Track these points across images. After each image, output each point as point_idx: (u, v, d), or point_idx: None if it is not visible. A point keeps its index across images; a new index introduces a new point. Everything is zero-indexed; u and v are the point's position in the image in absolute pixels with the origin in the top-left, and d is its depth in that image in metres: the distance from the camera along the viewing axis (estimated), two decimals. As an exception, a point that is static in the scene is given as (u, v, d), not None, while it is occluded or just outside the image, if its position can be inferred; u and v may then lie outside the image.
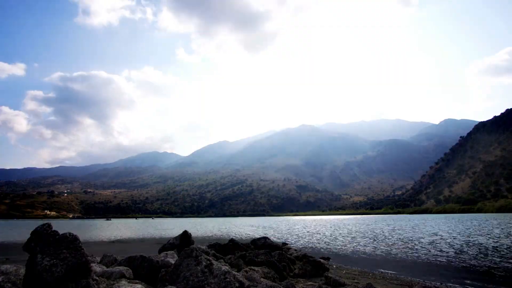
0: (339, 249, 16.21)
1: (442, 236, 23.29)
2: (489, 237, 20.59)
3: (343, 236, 25.48)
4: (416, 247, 16.33)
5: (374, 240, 21.18)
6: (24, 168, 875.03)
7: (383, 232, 29.58)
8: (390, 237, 22.98)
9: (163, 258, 6.61)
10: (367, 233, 28.64)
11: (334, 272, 9.00)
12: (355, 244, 18.67)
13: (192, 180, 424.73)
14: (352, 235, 25.80)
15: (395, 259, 12.31)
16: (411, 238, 21.70)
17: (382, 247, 16.50)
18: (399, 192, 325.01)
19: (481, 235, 22.92)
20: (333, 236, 25.18)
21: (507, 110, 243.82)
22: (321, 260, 10.22)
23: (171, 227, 53.64)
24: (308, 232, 32.27)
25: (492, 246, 15.68)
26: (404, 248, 15.98)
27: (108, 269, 5.51)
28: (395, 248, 15.87)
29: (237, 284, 4.76)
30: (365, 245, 17.70)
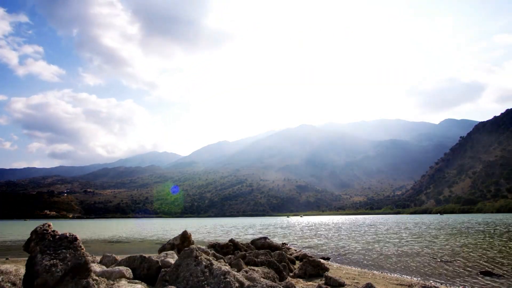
0: (339, 249, 16.20)
1: (441, 236, 23.30)
2: (492, 238, 20.60)
3: (343, 236, 25.48)
4: (415, 247, 16.33)
5: (374, 240, 21.18)
6: (24, 168, 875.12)
7: (383, 232, 29.60)
8: (389, 237, 22.99)
9: (163, 258, 6.61)
10: (366, 233, 28.64)
11: (334, 272, 9.00)
12: (355, 244, 18.67)
13: (192, 180, 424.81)
14: (352, 235, 25.81)
15: (395, 259, 12.31)
16: (410, 238, 21.71)
17: (382, 247, 16.50)
18: (399, 192, 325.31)
19: (482, 236, 22.93)
20: (333, 236, 25.18)
21: (507, 110, 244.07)
22: (321, 260, 10.22)
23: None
24: (308, 232, 32.28)
25: (493, 247, 15.68)
26: (404, 248, 15.98)
27: (108, 269, 5.51)
28: (395, 248, 15.86)
29: (237, 284, 4.75)
30: (365, 245, 17.69)
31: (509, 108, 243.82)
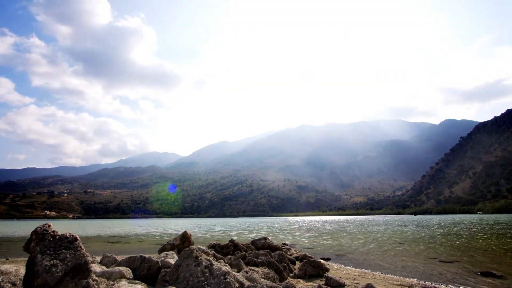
0: (339, 249, 16.19)
1: (440, 236, 23.28)
2: (491, 238, 20.58)
3: (343, 236, 25.47)
4: (415, 247, 16.32)
5: (374, 240, 21.18)
6: (24, 168, 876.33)
7: (383, 232, 29.59)
8: (390, 238, 22.98)
9: (163, 258, 6.60)
10: (367, 233, 28.63)
11: (334, 272, 8.99)
12: (355, 244, 18.67)
13: (192, 180, 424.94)
14: (352, 236, 25.80)
15: (395, 259, 12.30)
16: (410, 239, 21.70)
17: (382, 248, 16.49)
18: (399, 193, 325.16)
19: (482, 237, 22.90)
20: (333, 237, 25.17)
21: (508, 110, 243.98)
22: (321, 260, 10.22)
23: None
24: (308, 232, 32.26)
25: (492, 247, 15.67)
26: (404, 248, 15.98)
27: (108, 269, 5.50)
28: (395, 249, 15.86)
29: (237, 285, 4.75)
30: (365, 246, 17.69)
31: (509, 108, 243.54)
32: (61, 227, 54.31)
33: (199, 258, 5.11)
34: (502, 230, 28.83)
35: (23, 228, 54.31)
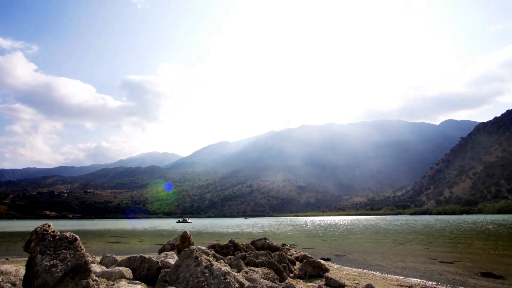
0: (339, 250, 16.19)
1: (440, 237, 23.27)
2: (491, 239, 20.57)
3: (343, 237, 25.46)
4: (416, 248, 16.32)
5: (374, 241, 21.17)
6: (24, 168, 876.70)
7: (383, 233, 29.58)
8: (389, 238, 22.98)
9: (163, 258, 6.61)
10: (367, 234, 28.64)
11: (335, 273, 8.99)
12: (355, 245, 18.66)
13: (192, 180, 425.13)
14: (353, 236, 25.80)
15: (395, 259, 12.30)
16: (410, 239, 21.69)
17: (382, 248, 16.49)
18: (399, 193, 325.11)
19: (482, 237, 22.89)
20: (333, 237, 25.16)
21: (508, 111, 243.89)
22: (321, 261, 10.21)
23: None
24: (308, 233, 32.25)
25: (492, 248, 15.66)
26: (404, 249, 15.97)
27: (108, 269, 5.50)
28: (395, 249, 15.85)
29: (237, 285, 4.75)
30: (365, 246, 17.68)
31: (510, 109, 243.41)
32: (61, 227, 54.33)
33: (199, 258, 5.11)
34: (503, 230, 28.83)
35: (23, 228, 54.30)
